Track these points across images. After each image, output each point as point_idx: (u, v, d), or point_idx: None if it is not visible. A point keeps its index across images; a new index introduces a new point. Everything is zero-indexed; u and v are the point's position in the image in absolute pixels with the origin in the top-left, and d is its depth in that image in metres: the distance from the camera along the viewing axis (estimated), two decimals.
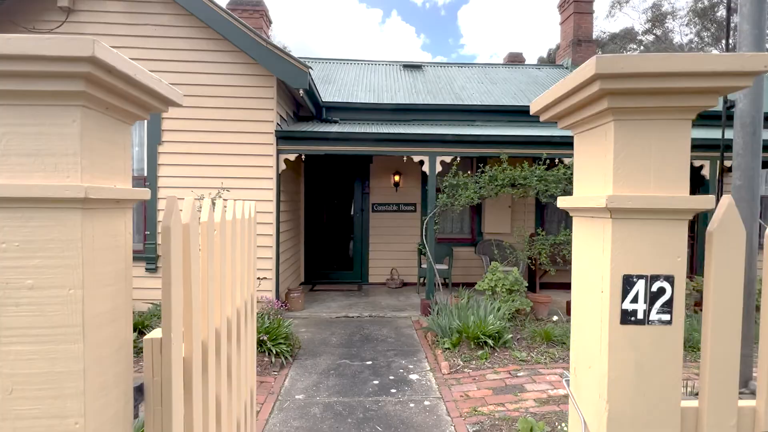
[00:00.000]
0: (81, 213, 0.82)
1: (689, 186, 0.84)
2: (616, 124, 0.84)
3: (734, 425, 0.88)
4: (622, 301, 0.85)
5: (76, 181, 0.81)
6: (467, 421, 2.98)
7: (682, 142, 0.84)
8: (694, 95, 0.80)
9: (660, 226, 0.84)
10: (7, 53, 0.74)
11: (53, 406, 0.82)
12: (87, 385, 0.84)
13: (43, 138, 0.81)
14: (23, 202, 0.80)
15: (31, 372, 0.82)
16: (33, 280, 0.81)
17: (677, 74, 0.77)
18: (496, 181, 5.56)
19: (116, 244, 0.94)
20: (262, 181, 5.54)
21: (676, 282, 0.85)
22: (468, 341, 4.30)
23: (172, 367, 1.06)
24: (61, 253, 0.81)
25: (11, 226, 0.80)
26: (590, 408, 0.93)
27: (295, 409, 3.18)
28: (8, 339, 0.81)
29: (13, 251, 0.80)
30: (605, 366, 0.87)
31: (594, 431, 0.91)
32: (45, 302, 0.81)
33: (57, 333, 0.82)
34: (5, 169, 0.80)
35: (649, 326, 0.85)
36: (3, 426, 0.82)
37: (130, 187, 0.99)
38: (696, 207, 0.83)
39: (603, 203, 0.84)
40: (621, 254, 0.85)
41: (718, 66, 0.76)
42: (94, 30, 5.38)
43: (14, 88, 0.78)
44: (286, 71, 5.30)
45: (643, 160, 0.84)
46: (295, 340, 4.50)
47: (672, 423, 0.86)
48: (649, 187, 0.84)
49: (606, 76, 0.78)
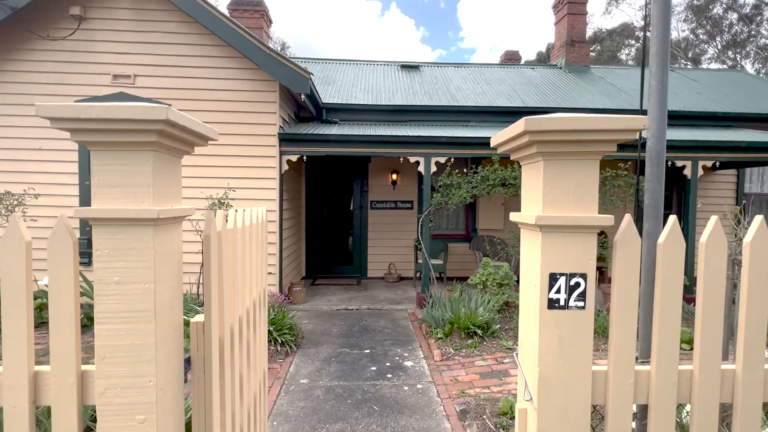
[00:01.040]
0: (153, 228, 1.12)
1: (597, 205, 1.14)
2: (545, 163, 1.14)
3: (631, 383, 1.20)
4: (549, 292, 1.16)
5: (150, 206, 1.11)
6: (455, 402, 3.31)
7: (592, 176, 1.14)
8: (597, 143, 1.10)
9: (576, 237, 1.15)
10: (107, 117, 1.04)
11: (134, 369, 1.13)
12: (157, 354, 1.15)
13: (126, 174, 1.11)
14: (112, 221, 1.10)
15: (118, 344, 1.13)
16: (119, 277, 1.12)
17: (583, 131, 1.07)
18: (487, 181, 5.86)
19: (173, 250, 1.25)
20: (265, 181, 5.84)
21: (588, 278, 1.16)
22: (459, 331, 4.63)
23: (212, 344, 1.37)
24: (138, 257, 1.12)
25: (103, 238, 1.11)
26: (529, 372, 1.24)
27: (300, 391, 3.50)
28: (102, 319, 1.12)
29: (104, 256, 1.11)
30: (537, 340, 1.18)
31: (531, 389, 1.22)
32: (127, 293, 1.12)
33: (136, 315, 1.13)
34: (99, 196, 1.11)
35: (569, 311, 1.16)
36: (99, 383, 1.13)
37: (181, 206, 1.29)
38: (601, 224, 1.14)
39: (534, 220, 1.14)
40: (548, 257, 1.16)
41: (611, 125, 1.06)
42: (105, 37, 5.65)
43: (108, 139, 1.08)
44: (289, 77, 5.58)
45: (564, 188, 1.14)
46: (299, 330, 4.83)
47: (585, 381, 1.17)
48: (568, 208, 1.15)
49: (532, 132, 1.08)
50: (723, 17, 19.82)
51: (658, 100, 1.34)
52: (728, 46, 20.22)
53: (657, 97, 1.34)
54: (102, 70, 5.66)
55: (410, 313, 5.95)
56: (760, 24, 19.42)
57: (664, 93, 1.35)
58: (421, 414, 3.16)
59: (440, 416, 3.13)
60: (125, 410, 1.13)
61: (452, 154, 6.10)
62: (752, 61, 20.45)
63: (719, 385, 1.21)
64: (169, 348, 1.22)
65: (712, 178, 8.30)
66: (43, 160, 5.64)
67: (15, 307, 1.15)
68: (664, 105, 1.33)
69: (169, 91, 5.71)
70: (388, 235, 8.29)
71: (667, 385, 1.21)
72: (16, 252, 1.15)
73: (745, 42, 19.94)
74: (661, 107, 1.34)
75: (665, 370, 1.21)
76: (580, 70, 10.45)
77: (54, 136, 5.64)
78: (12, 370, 1.14)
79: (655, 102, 1.37)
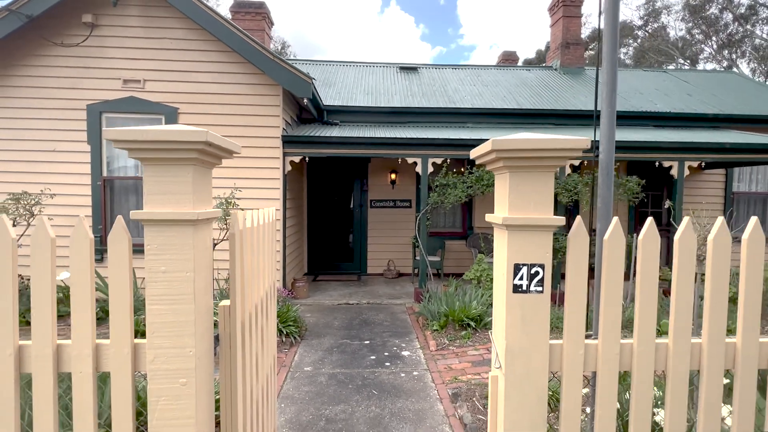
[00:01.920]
0: (192, 228, 1.39)
1: (555, 207, 1.40)
2: (510, 174, 1.41)
3: (582, 353, 1.46)
4: (514, 279, 1.43)
5: (190, 209, 1.38)
6: (448, 387, 3.59)
7: (548, 185, 1.40)
8: (551, 159, 1.36)
9: (535, 234, 1.41)
10: (159, 139, 1.30)
11: (177, 342, 1.40)
12: (196, 330, 1.41)
13: (171, 184, 1.38)
14: (161, 222, 1.37)
15: (164, 321, 1.39)
16: (165, 267, 1.38)
17: (539, 149, 1.33)
18: (482, 181, 6.13)
19: (206, 246, 1.51)
20: (270, 182, 6.10)
21: (546, 268, 1.42)
22: (454, 323, 4.91)
23: (237, 325, 1.64)
24: (180, 251, 1.39)
25: (152, 236, 1.37)
26: (499, 344, 1.51)
27: (305, 378, 3.78)
28: (151, 301, 1.39)
29: (153, 250, 1.38)
30: (504, 318, 1.44)
31: (500, 358, 1.49)
32: (172, 280, 1.39)
33: (179, 298, 1.39)
34: (150, 201, 1.37)
35: (529, 294, 1.43)
36: (149, 353, 1.39)
37: (212, 209, 1.55)
38: (556, 224, 1.40)
39: (502, 221, 1.41)
40: (513, 251, 1.42)
41: (561, 146, 1.32)
42: (116, 43, 5.90)
43: (159, 156, 1.35)
44: (292, 81, 5.83)
45: (526, 195, 1.41)
46: (302, 323, 5.10)
47: (543, 352, 1.44)
48: (529, 211, 1.41)
49: (498, 150, 1.34)
50: (719, 17, 20.06)
51: (608, 122, 1.60)
52: (724, 45, 20.45)
53: (607, 120, 1.60)
54: (113, 75, 5.91)
55: (408, 307, 6.23)
56: (755, 25, 19.66)
57: (612, 117, 1.60)
58: (416, 397, 3.44)
59: (434, 399, 3.41)
60: (170, 375, 1.40)
61: (448, 155, 6.36)
62: (748, 60, 20.71)
63: (654, 355, 1.48)
64: (204, 325, 1.48)
65: (702, 178, 8.56)
66: (57, 161, 5.90)
67: (81, 293, 1.41)
68: (612, 126, 1.59)
69: (177, 95, 5.97)
70: (387, 233, 8.56)
71: (611, 355, 1.48)
72: (80, 248, 1.41)
73: (739, 42, 20.18)
74: (610, 127, 1.60)
75: (610, 344, 1.48)
76: (575, 71, 10.70)
77: (67, 138, 5.90)
78: (78, 343, 1.41)
79: (606, 123, 1.63)
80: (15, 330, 1.40)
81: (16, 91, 5.82)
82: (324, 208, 8.71)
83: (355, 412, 3.18)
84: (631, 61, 26.03)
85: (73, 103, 5.88)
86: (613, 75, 1.58)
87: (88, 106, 5.90)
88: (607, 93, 1.60)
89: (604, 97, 1.60)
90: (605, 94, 1.60)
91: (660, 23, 24.37)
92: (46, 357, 1.40)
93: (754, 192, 8.64)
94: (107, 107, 5.92)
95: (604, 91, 1.61)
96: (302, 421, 3.04)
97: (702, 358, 1.51)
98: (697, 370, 1.53)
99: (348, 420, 3.07)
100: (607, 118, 1.60)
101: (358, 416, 3.12)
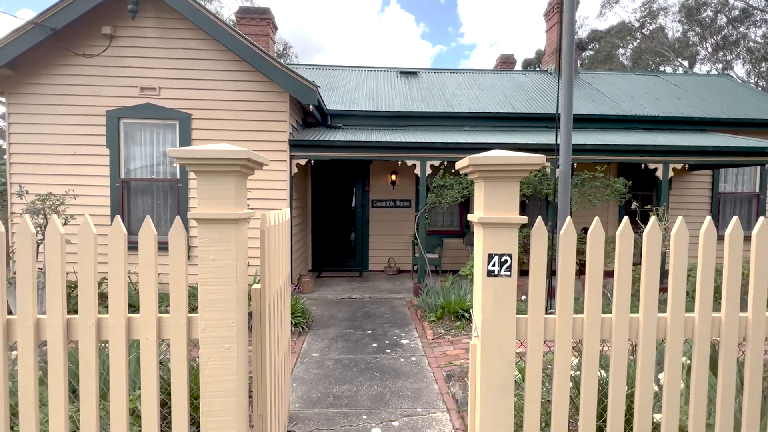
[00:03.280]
0: (235, 225, 1.77)
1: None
2: (485, 182, 1.79)
3: (542, 325, 1.84)
4: (488, 265, 1.80)
5: (233, 211, 1.76)
6: (443, 370, 3.97)
7: (514, 191, 1.78)
8: (515, 171, 1.74)
9: (503, 230, 1.79)
10: (211, 157, 1.68)
11: (223, 315, 1.78)
12: (237, 306, 1.80)
13: (217, 190, 1.75)
14: (210, 221, 1.75)
15: (212, 299, 1.77)
16: (214, 256, 1.77)
17: (506, 164, 1.71)
18: None
19: (244, 240, 1.89)
20: (277, 183, 6.48)
21: (513, 257, 1.80)
22: (449, 315, 5.29)
23: (266, 304, 2.02)
24: (226, 244, 1.77)
25: (204, 231, 1.75)
26: (477, 318, 1.89)
27: (313, 362, 4.17)
28: (203, 283, 1.77)
29: (205, 243, 1.76)
30: (480, 297, 1.82)
31: (478, 329, 1.87)
32: (219, 266, 1.77)
33: (225, 281, 1.77)
34: (201, 204, 1.75)
35: (500, 278, 1.81)
36: (201, 323, 1.77)
37: (248, 210, 1.93)
38: (520, 222, 1.78)
39: (478, 219, 1.79)
40: (487, 243, 1.80)
41: (523, 161, 1.70)
42: (133, 53, 6.29)
43: (209, 170, 1.72)
44: (298, 89, 6.21)
45: (496, 199, 1.78)
46: (309, 315, 5.49)
47: (511, 324, 1.82)
48: (500, 211, 1.79)
49: (474, 165, 1.72)
50: (714, 20, 20.39)
51: (565, 141, 1.98)
52: (719, 47, 20.80)
53: (564, 139, 1.98)
54: (130, 83, 6.29)
55: (407, 301, 6.61)
56: (749, 28, 19.99)
57: (569, 136, 1.98)
58: (414, 379, 3.82)
59: (430, 380, 3.79)
60: (217, 341, 1.78)
61: (445, 158, 6.74)
62: (743, 62, 21.04)
63: (600, 327, 1.86)
64: (242, 303, 1.87)
65: (689, 179, 8.93)
66: (78, 164, 6.29)
67: (148, 277, 1.79)
68: (569, 143, 1.97)
69: (190, 101, 6.35)
70: (387, 232, 8.95)
71: (566, 327, 1.86)
72: (147, 243, 1.79)
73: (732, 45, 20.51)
74: (567, 144, 1.97)
75: (565, 318, 1.86)
76: None
77: (87, 143, 6.29)
78: (146, 316, 1.79)
79: (564, 141, 2.01)
80: (95, 307, 1.78)
81: (40, 98, 6.21)
82: (327, 207, 9.09)
83: (359, 391, 3.56)
84: (629, 62, 26.36)
85: (93, 109, 6.27)
86: (568, 106, 1.95)
87: (107, 112, 6.29)
88: (565, 116, 1.97)
89: (562, 119, 1.97)
90: (564, 114, 1.97)
91: (658, 24, 24.72)
92: (120, 327, 1.78)
93: (739, 192, 9.00)
94: (125, 113, 6.31)
95: (563, 114, 1.98)
96: (312, 398, 3.42)
97: (639, 331, 1.89)
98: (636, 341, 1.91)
99: (353, 397, 3.45)
100: (565, 138, 1.97)
101: (362, 394, 3.51)
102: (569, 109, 1.98)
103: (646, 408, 1.88)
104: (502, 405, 1.82)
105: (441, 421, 3.08)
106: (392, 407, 3.28)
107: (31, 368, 1.73)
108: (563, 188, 1.93)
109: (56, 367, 1.74)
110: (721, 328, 1.90)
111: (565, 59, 2.06)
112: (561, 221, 2.06)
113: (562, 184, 1.93)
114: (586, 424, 1.88)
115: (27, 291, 1.73)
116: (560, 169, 1.98)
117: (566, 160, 1.94)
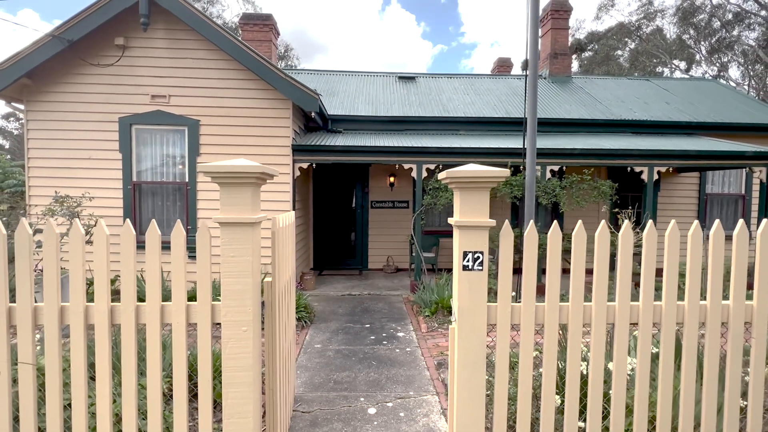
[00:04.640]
0: (251, 227, 2.11)
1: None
2: (460, 191, 2.13)
3: (509, 311, 2.19)
4: (463, 261, 2.15)
5: (250, 215, 2.10)
6: (434, 359, 4.32)
7: (485, 199, 2.12)
8: (485, 182, 2.08)
9: (476, 232, 2.13)
10: (232, 171, 2.03)
11: (240, 303, 2.13)
12: (252, 295, 2.14)
13: (236, 198, 2.10)
14: (231, 223, 2.09)
15: (232, 289, 2.12)
16: (234, 253, 2.11)
17: (477, 176, 2.05)
18: None
19: (258, 240, 2.24)
20: (281, 185, 6.83)
21: (484, 254, 2.15)
22: (443, 310, 5.64)
23: (276, 295, 2.37)
24: (243, 243, 2.11)
25: (225, 232, 2.10)
26: (455, 306, 2.23)
27: (315, 353, 4.52)
28: (225, 276, 2.11)
29: (227, 242, 2.10)
30: (457, 288, 2.17)
31: (456, 315, 2.21)
32: (238, 262, 2.11)
33: (242, 273, 2.12)
34: (223, 210, 2.09)
35: (473, 271, 2.15)
36: (223, 309, 2.12)
37: (261, 215, 2.28)
38: (490, 225, 2.12)
39: (455, 222, 2.14)
40: (463, 241, 2.14)
41: (491, 174, 2.04)
42: (144, 63, 6.64)
43: (230, 181, 2.07)
44: (300, 97, 6.56)
45: (469, 205, 2.13)
46: (311, 310, 5.84)
47: (482, 311, 2.16)
48: (473, 215, 2.13)
49: (451, 177, 2.07)
50: (709, 23, 20.71)
51: (530, 154, 2.30)
52: (714, 50, 21.12)
53: (530, 153, 2.30)
54: (142, 91, 6.65)
55: (404, 298, 6.96)
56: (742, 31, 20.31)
57: (533, 151, 2.30)
58: (408, 366, 4.17)
59: (422, 368, 4.14)
60: (236, 324, 2.13)
61: (440, 161, 7.08)
62: (737, 64, 21.36)
63: (558, 313, 2.21)
64: (256, 293, 2.22)
65: (678, 181, 9.26)
66: (93, 167, 6.65)
67: (178, 271, 2.14)
68: (533, 157, 2.29)
69: (198, 108, 6.71)
70: (386, 232, 9.30)
71: (529, 313, 2.20)
72: (178, 242, 2.14)
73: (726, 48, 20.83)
74: (532, 157, 2.29)
75: (528, 305, 2.20)
76: (563, 80, 11.40)
77: (101, 148, 6.65)
78: (177, 302, 2.14)
79: (529, 154, 2.33)
80: (134, 296, 2.13)
81: (57, 106, 6.57)
82: (328, 208, 9.45)
83: (357, 377, 3.91)
84: (627, 64, 26.67)
85: (107, 116, 6.62)
86: (533, 122, 2.28)
87: (120, 118, 6.64)
88: (530, 131, 2.30)
89: (528, 134, 2.31)
90: (529, 129, 2.30)
91: (655, 26, 25.02)
92: (155, 312, 2.13)
93: (726, 193, 9.33)
94: (137, 120, 6.66)
95: (529, 129, 2.31)
96: (315, 383, 3.77)
97: (592, 316, 2.23)
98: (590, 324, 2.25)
99: (352, 382, 3.80)
100: (530, 153, 2.30)
101: (360, 379, 3.86)
102: (534, 124, 2.31)
103: (597, 384, 2.23)
104: (476, 377, 2.16)
105: (430, 403, 3.43)
106: (387, 391, 3.63)
107: (81, 348, 2.08)
108: (528, 196, 2.26)
109: (102, 346, 2.09)
110: (685, 316, 2.24)
111: (530, 83, 2.39)
112: (527, 223, 2.40)
113: (527, 192, 2.26)
114: (547, 390, 2.22)
115: (78, 284, 2.08)
116: (526, 179, 2.32)
117: (531, 170, 2.27)
